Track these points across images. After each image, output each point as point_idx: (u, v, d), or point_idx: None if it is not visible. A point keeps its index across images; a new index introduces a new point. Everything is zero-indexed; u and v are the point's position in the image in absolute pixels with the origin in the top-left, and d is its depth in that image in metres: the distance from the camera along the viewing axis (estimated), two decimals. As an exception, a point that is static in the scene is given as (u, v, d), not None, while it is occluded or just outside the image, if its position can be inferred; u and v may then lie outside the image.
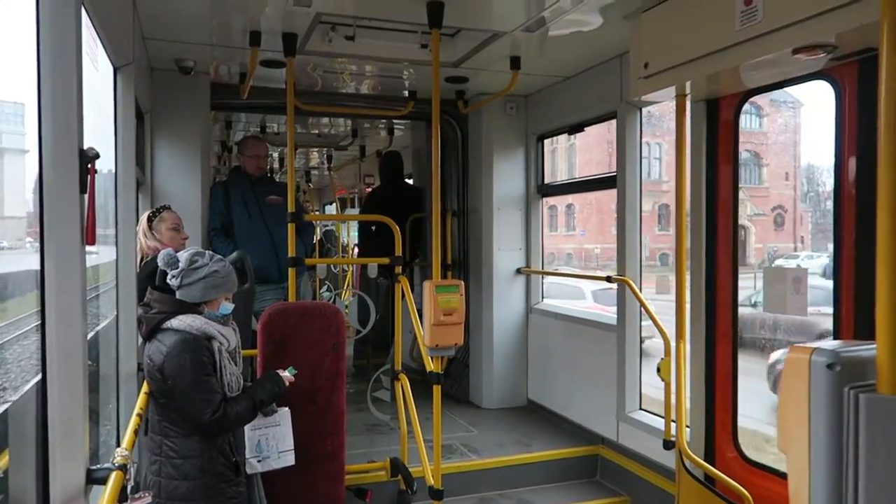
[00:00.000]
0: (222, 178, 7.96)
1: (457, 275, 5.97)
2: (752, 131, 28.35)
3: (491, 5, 3.53)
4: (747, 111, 19.12)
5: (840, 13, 2.33)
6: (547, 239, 5.82)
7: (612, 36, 3.87)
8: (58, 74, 1.80)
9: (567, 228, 31.66)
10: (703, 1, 2.97)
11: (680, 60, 3.08)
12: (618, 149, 4.39)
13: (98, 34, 2.67)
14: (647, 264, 4.46)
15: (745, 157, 29.01)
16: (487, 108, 5.38)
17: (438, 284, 3.33)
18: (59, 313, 1.79)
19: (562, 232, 34.52)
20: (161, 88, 4.54)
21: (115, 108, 3.23)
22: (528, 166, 5.60)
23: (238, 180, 5.01)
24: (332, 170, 9.82)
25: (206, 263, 2.74)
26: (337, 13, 3.61)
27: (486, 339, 5.62)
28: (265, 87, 4.99)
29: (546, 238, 5.78)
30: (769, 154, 28.24)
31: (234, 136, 7.52)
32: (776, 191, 27.90)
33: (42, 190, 1.80)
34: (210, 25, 3.87)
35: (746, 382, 3.92)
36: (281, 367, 3.11)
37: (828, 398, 1.14)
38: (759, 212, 26.41)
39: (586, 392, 4.81)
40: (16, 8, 2.11)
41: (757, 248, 25.73)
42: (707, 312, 3.65)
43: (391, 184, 6.70)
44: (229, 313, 2.83)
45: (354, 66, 4.76)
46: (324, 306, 3.72)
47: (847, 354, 1.17)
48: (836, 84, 2.87)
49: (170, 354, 2.64)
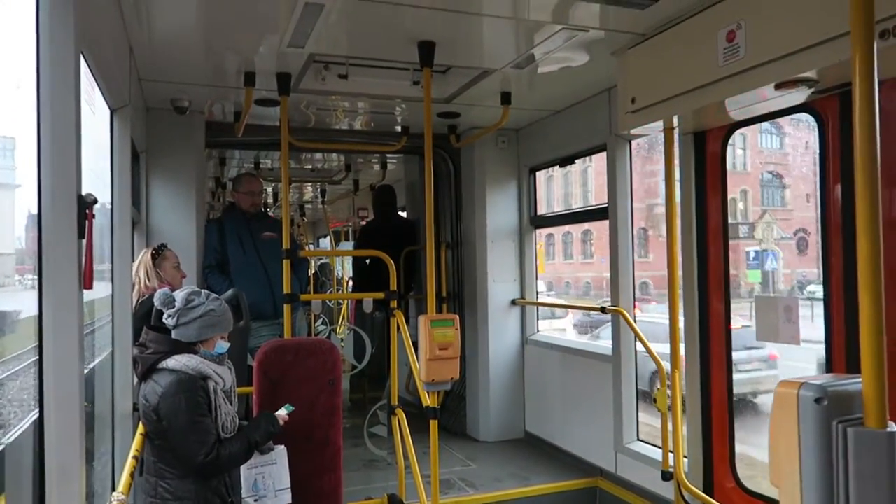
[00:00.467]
0: (216, 214, 8.00)
1: (452, 307, 5.98)
2: (774, 151, 28.32)
3: (481, 44, 3.61)
4: (767, 130, 19.07)
5: (819, 49, 2.40)
6: (563, 267, 5.87)
7: (599, 71, 3.96)
8: (57, 122, 1.84)
9: (584, 256, 30.41)
10: (686, 38, 3.05)
11: (666, 95, 3.16)
12: (608, 180, 4.45)
13: (95, 78, 2.72)
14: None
15: (766, 179, 28.66)
16: (480, 142, 5.46)
17: (433, 319, 3.35)
18: (56, 356, 1.80)
19: (578, 259, 33.87)
20: (156, 128, 4.59)
21: (112, 149, 3.27)
22: (521, 198, 5.66)
23: (233, 217, 5.04)
24: (326, 203, 9.87)
25: (203, 302, 2.75)
26: (330, 53, 3.68)
27: (482, 371, 5.61)
28: (259, 124, 5.05)
29: (562, 266, 5.83)
30: (791, 174, 27.99)
31: (229, 173, 7.57)
32: (799, 213, 26.88)
33: (41, 234, 1.83)
34: (205, 67, 3.94)
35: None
36: (277, 405, 3.10)
37: (817, 432, 1.17)
38: (786, 235, 25.79)
39: (583, 423, 4.80)
40: (9, 46, 2.15)
41: (785, 274, 24.45)
42: (701, 341, 3.68)
43: (385, 217, 6.75)
44: (225, 352, 2.84)
45: (347, 103, 4.83)
46: (319, 342, 3.72)
47: (834, 389, 1.19)
48: (818, 117, 2.94)
49: (165, 395, 2.64)
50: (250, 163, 7.30)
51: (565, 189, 29.64)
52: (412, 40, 3.41)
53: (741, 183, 28.53)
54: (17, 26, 1.97)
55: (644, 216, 26.16)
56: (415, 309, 6.63)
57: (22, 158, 2.49)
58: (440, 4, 3.03)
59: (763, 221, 25.77)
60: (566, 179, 29.69)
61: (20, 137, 1.91)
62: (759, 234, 25.18)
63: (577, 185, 28.30)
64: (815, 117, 2.96)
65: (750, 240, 24.74)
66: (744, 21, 2.71)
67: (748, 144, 28.04)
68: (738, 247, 25.73)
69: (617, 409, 4.39)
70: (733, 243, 26.80)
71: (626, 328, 4.27)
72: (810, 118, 3.00)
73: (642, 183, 23.68)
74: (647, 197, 23.70)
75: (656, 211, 24.49)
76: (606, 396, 4.47)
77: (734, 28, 2.74)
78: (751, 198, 28.75)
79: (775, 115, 3.20)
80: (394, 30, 3.32)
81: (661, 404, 3.73)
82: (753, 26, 2.67)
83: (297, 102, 4.59)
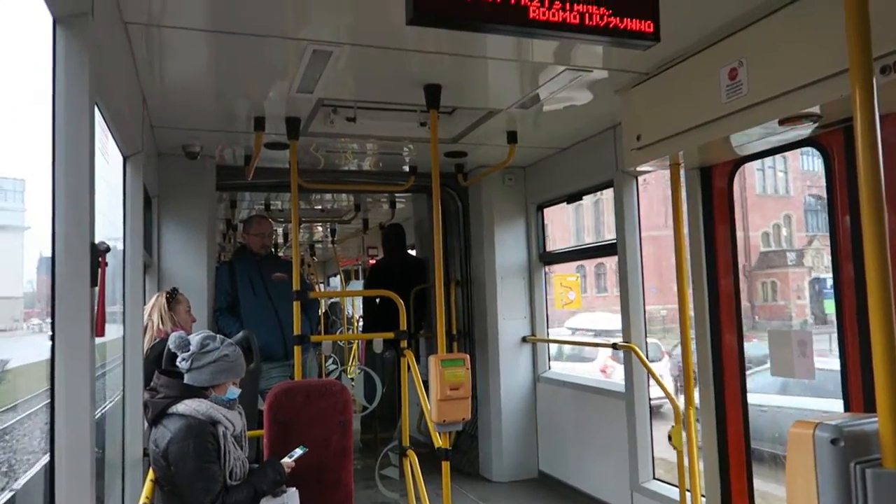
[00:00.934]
0: (227, 256, 8.06)
1: (462, 345, 5.95)
2: (818, 174, 27.96)
3: (486, 86, 3.67)
4: (807, 152, 18.63)
5: (822, 85, 2.43)
6: (596, 301, 5.86)
7: (604, 109, 4.00)
8: (71, 171, 1.87)
9: (619, 289, 28.24)
10: (689, 76, 3.09)
11: (671, 132, 3.19)
12: (616, 216, 4.46)
13: (109, 127, 2.78)
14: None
15: (810, 203, 28.00)
16: (487, 180, 5.50)
17: (444, 359, 3.33)
18: (68, 402, 1.81)
19: (613, 292, 32.50)
20: (168, 173, 4.66)
21: (125, 195, 3.32)
22: (529, 235, 5.67)
23: (243, 259, 5.07)
24: (335, 243, 9.92)
25: (217, 347, 2.76)
26: (338, 97, 3.75)
27: (493, 409, 5.55)
28: (270, 167, 5.12)
29: (595, 300, 5.80)
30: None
31: (239, 214, 7.65)
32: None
33: (54, 282, 1.86)
34: (216, 113, 4.02)
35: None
36: (288, 448, 3.08)
37: (834, 474, 1.14)
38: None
39: (598, 462, 4.72)
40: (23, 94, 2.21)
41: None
42: (715, 377, 3.63)
43: (394, 256, 6.77)
44: (236, 398, 2.83)
45: (356, 145, 4.89)
46: (329, 384, 3.70)
47: (850, 429, 1.17)
48: (824, 151, 2.95)
49: (174, 440, 2.63)
50: (261, 204, 7.38)
51: (576, 224, 29.12)
52: (418, 83, 3.47)
53: (784, 208, 27.71)
54: (34, 76, 2.03)
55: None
56: (425, 347, 6.60)
57: (32, 201, 2.50)
58: (445, 49, 3.09)
59: (812, 248, 25.11)
60: (577, 213, 29.15)
61: (30, 179, 1.94)
62: (809, 261, 24.41)
63: (608, 213, 26.90)
64: (820, 151, 2.97)
65: (798, 267, 23.89)
66: (745, 59, 2.75)
67: (789, 167, 27.36)
68: (787, 276, 24.36)
69: (632, 447, 4.32)
70: (782, 272, 25.98)
71: (638, 364, 4.23)
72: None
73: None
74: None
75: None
76: (620, 434, 4.40)
77: (736, 66, 2.78)
78: (795, 223, 28.07)
79: (781, 150, 3.21)
80: (400, 74, 3.39)
81: (677, 442, 3.67)
82: (755, 64, 2.71)
83: (306, 145, 4.66)
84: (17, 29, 18.07)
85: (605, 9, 2.41)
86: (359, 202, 7.45)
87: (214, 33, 2.86)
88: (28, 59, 8.26)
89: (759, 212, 27.93)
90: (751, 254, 26.76)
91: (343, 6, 2.63)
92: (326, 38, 2.90)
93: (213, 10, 2.66)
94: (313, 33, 2.86)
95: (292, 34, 2.87)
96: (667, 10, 2.50)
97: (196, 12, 2.68)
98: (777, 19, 2.63)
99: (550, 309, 5.73)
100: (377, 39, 2.95)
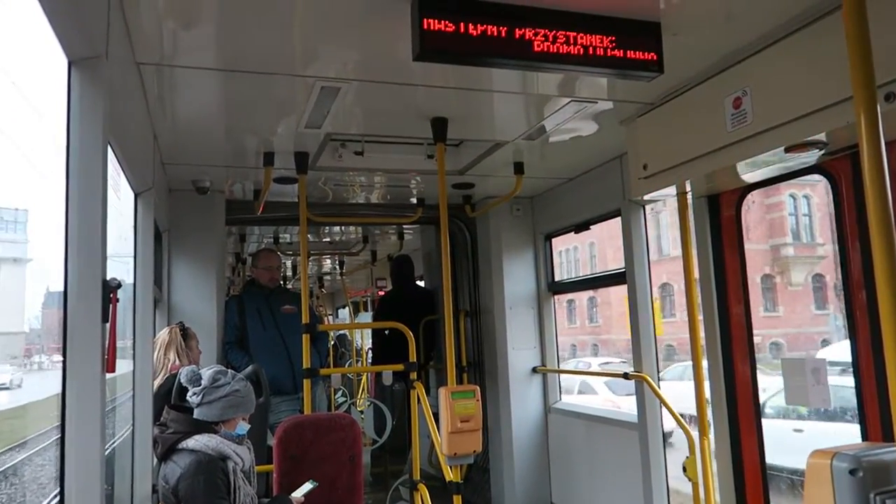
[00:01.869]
0: (236, 290, 8.08)
1: (472, 376, 5.91)
2: None
3: (492, 118, 3.70)
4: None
5: (827, 113, 2.44)
6: (666, 327, 5.73)
7: (610, 139, 4.03)
8: (84, 209, 1.89)
9: (666, 313, 24.37)
10: (694, 105, 3.12)
11: (677, 161, 3.20)
12: (624, 245, 4.45)
13: (121, 165, 2.81)
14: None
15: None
16: (494, 211, 5.52)
17: (454, 391, 3.31)
18: (78, 439, 1.81)
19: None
20: (178, 208, 4.71)
21: (136, 231, 3.35)
22: (538, 265, 5.67)
23: (252, 293, 5.09)
24: (344, 275, 9.94)
25: (229, 382, 2.78)
26: (346, 132, 3.80)
27: (505, 441, 5.49)
28: (278, 201, 5.16)
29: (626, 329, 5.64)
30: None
31: (248, 248, 7.69)
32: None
33: (66, 318, 1.87)
34: (226, 149, 4.07)
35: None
36: (298, 483, 3.06)
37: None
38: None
39: (611, 492, 4.65)
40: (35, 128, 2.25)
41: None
42: (728, 405, 3.59)
43: (403, 287, 6.77)
44: (245, 433, 2.83)
45: (364, 178, 4.94)
46: (339, 418, 3.68)
47: (868, 459, 1.15)
48: (831, 177, 2.95)
49: (184, 476, 2.62)
50: (269, 238, 7.42)
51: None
52: (425, 117, 3.52)
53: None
54: (48, 113, 2.07)
55: (769, 260, 20.98)
56: (435, 379, 6.56)
57: (34, 232, 2.48)
58: (451, 83, 3.13)
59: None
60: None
61: (33, 210, 1.95)
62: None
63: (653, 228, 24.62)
64: (827, 178, 2.97)
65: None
66: (748, 88, 2.77)
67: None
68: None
69: (646, 478, 4.25)
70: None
71: (650, 393, 4.19)
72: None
73: (763, 220, 19.57)
74: (770, 236, 19.28)
75: (784, 254, 19.77)
76: (634, 465, 4.33)
77: (740, 95, 2.80)
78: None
79: (788, 177, 3.21)
80: (407, 108, 3.43)
81: (692, 473, 3.61)
82: (759, 93, 2.73)
83: (314, 179, 4.70)
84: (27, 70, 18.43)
85: (608, 41, 2.45)
86: (367, 234, 7.48)
87: (224, 72, 2.91)
88: (34, 94, 8.38)
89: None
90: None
91: (351, 43, 2.68)
92: (334, 74, 2.94)
93: (223, 49, 2.71)
94: (321, 70, 2.91)
95: (301, 71, 2.92)
96: (669, 42, 2.54)
97: (206, 52, 2.73)
98: (779, 49, 2.65)
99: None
100: (384, 75, 3.00)
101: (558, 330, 5.63)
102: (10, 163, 10.62)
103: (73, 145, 1.93)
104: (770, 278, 21.51)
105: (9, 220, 5.71)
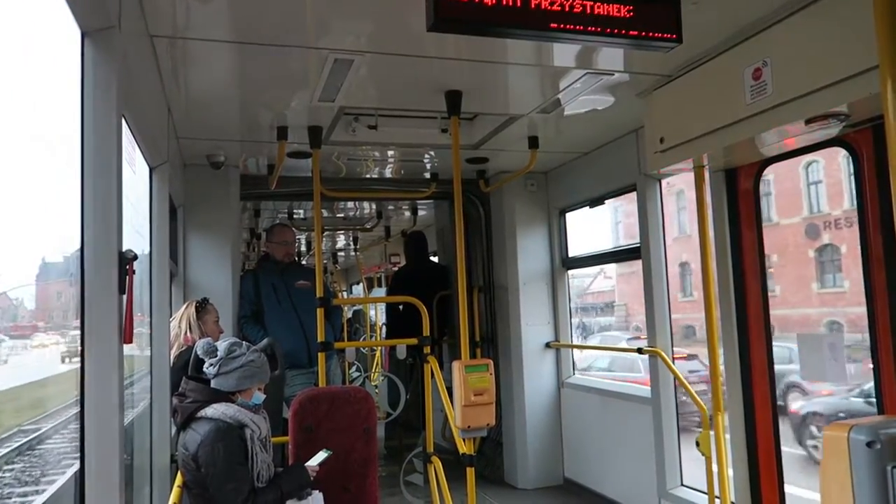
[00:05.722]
0: (251, 265, 8.13)
1: (486, 351, 5.94)
2: None
3: (507, 91, 3.66)
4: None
5: (849, 83, 2.39)
6: (684, 306, 5.45)
7: (626, 113, 3.97)
8: (99, 182, 1.90)
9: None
10: (712, 77, 3.06)
11: (694, 134, 3.15)
12: (640, 220, 4.42)
13: (136, 139, 2.82)
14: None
15: None
16: (509, 186, 5.49)
17: (467, 364, 3.32)
18: (98, 409, 1.84)
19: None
20: (193, 183, 4.72)
21: (151, 206, 3.37)
22: (552, 240, 5.65)
23: (267, 268, 5.12)
24: (358, 250, 9.97)
25: (244, 353, 2.83)
26: (359, 105, 3.77)
27: (518, 416, 5.52)
28: (292, 176, 5.16)
29: (682, 305, 5.27)
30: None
31: (263, 223, 7.72)
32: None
33: (84, 290, 1.89)
34: (240, 123, 4.07)
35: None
36: (312, 454, 3.10)
37: (871, 478, 1.12)
38: None
39: (624, 468, 4.67)
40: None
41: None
42: (744, 382, 3.57)
43: (416, 263, 6.78)
44: (261, 402, 2.87)
45: (377, 153, 4.92)
46: (354, 391, 3.71)
47: (886, 431, 1.14)
48: (852, 150, 2.90)
49: (204, 443, 2.67)
50: (284, 213, 7.44)
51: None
52: (439, 90, 3.48)
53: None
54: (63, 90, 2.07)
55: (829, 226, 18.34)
56: (448, 354, 6.60)
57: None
58: (466, 55, 3.09)
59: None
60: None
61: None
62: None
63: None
64: (849, 151, 2.92)
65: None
66: (769, 58, 2.71)
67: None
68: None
69: (659, 454, 4.27)
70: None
71: (665, 369, 4.19)
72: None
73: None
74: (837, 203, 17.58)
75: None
76: (647, 440, 4.35)
77: (760, 66, 2.74)
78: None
79: (808, 150, 3.16)
80: (421, 81, 3.40)
81: (705, 448, 3.62)
82: (779, 63, 2.67)
83: (328, 153, 4.69)
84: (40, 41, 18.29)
85: (625, 10, 2.40)
86: (381, 209, 7.48)
87: (237, 44, 2.89)
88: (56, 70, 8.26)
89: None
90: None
91: (364, 14, 2.65)
92: (348, 46, 2.92)
93: (236, 21, 2.69)
94: (335, 42, 2.89)
95: (314, 44, 2.90)
96: (688, 11, 2.49)
97: (219, 24, 2.71)
98: (801, 18, 2.59)
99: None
100: (398, 47, 2.97)
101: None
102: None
103: (87, 117, 1.93)
104: (834, 248, 18.45)
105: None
